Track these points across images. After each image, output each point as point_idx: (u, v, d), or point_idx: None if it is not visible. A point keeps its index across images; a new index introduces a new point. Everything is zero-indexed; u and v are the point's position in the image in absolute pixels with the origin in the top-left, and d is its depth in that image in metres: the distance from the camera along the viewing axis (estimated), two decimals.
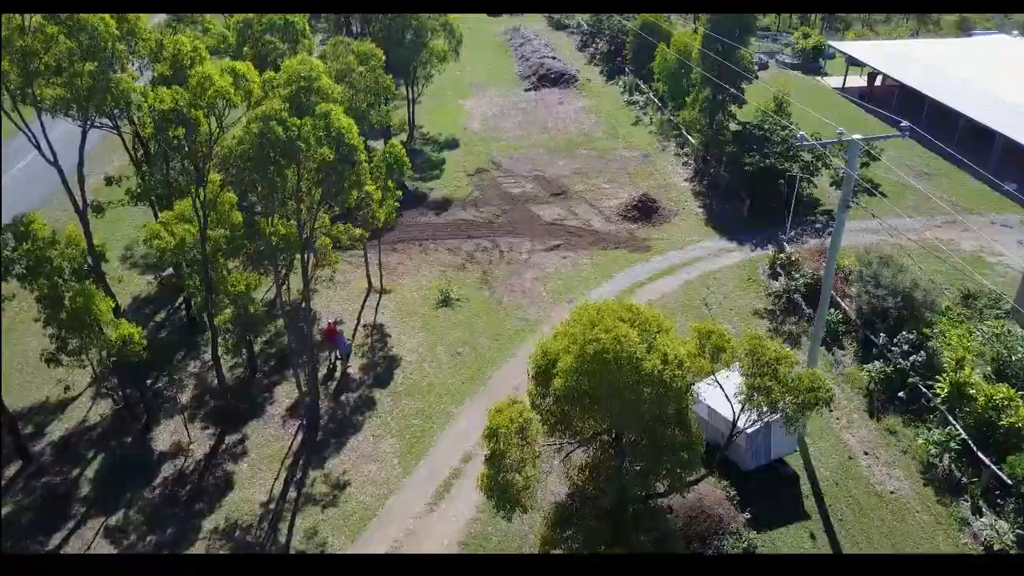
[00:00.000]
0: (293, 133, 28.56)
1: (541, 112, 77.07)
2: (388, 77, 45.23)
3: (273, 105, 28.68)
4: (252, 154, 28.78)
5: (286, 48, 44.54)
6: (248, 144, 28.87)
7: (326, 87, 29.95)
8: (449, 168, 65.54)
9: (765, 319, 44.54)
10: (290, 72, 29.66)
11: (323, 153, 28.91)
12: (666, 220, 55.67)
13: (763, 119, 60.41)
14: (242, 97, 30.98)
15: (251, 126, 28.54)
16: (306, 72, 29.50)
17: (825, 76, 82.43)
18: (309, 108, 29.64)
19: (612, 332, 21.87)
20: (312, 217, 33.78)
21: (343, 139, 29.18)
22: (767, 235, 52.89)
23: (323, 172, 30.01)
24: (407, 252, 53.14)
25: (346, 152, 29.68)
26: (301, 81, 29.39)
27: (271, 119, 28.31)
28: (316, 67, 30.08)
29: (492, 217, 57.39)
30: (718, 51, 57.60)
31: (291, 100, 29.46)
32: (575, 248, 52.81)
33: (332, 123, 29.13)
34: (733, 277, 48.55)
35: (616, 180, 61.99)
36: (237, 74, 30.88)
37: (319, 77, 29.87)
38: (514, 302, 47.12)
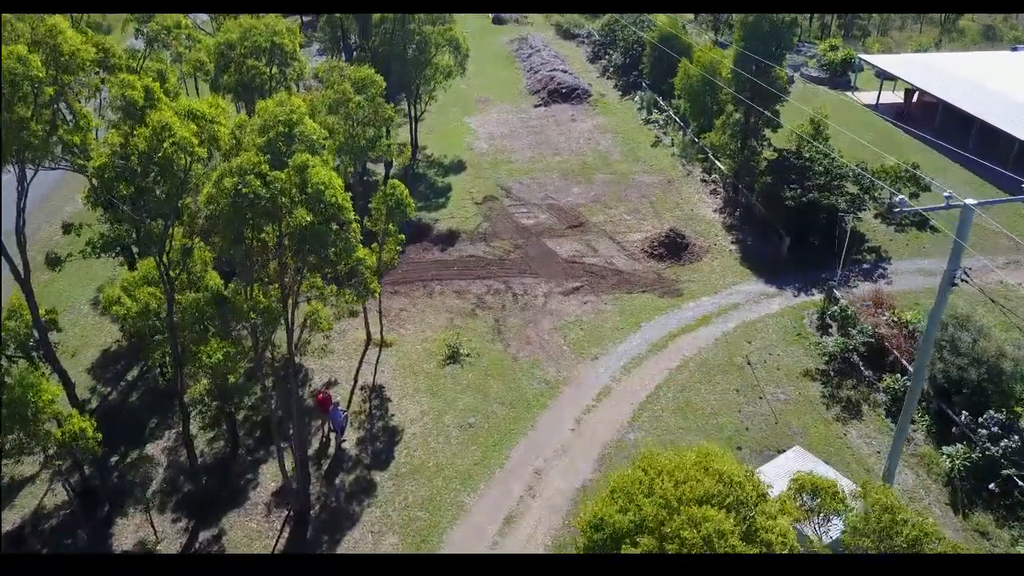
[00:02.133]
0: (275, 189, 23.25)
1: (552, 131, 71.71)
2: (389, 107, 39.89)
3: (249, 157, 23.34)
4: (225, 215, 23.46)
5: (274, 72, 39.16)
6: (220, 203, 23.53)
7: (310, 132, 24.61)
8: (455, 195, 60.19)
9: (817, 381, 39.19)
10: (266, 116, 24.31)
11: (298, 216, 23.58)
12: (696, 258, 50.30)
13: (799, 144, 55.13)
14: (207, 148, 25.60)
15: (224, 181, 23.20)
16: (284, 116, 24.14)
17: (856, 91, 77.09)
18: (291, 155, 24.33)
19: (701, 526, 16.45)
20: (297, 283, 28.44)
21: (322, 197, 23.81)
22: (810, 278, 47.55)
23: (300, 238, 24.63)
24: (410, 295, 47.78)
25: (327, 213, 24.33)
26: (279, 126, 24.05)
27: (248, 172, 22.99)
28: (297, 108, 24.73)
29: (504, 253, 52.03)
30: (752, 70, 52.35)
31: (268, 149, 24.12)
32: (597, 291, 47.45)
33: (309, 178, 23.76)
34: (777, 329, 43.20)
35: (638, 210, 56.64)
36: (201, 118, 25.45)
37: (301, 120, 24.52)
38: (531, 358, 41.76)
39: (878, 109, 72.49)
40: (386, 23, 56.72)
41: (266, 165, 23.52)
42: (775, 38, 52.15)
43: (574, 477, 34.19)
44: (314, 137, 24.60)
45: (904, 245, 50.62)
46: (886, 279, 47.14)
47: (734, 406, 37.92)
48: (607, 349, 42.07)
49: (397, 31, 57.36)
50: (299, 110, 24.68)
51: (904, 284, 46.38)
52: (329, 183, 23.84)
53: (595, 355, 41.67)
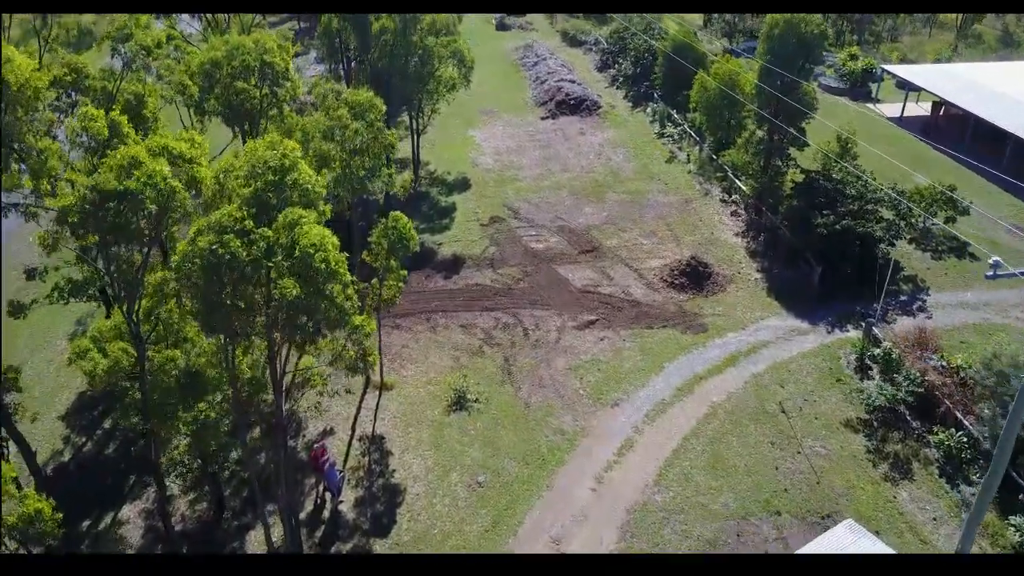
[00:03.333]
0: (259, 250, 19.84)
1: (561, 145, 68.25)
2: (391, 132, 36.45)
3: (231, 211, 19.91)
4: (198, 279, 20.05)
5: (265, 93, 35.71)
6: (193, 265, 20.10)
7: (305, 181, 21.18)
8: (460, 216, 56.75)
9: (860, 433, 35.76)
10: (254, 161, 20.88)
11: (284, 287, 20.11)
12: (720, 288, 46.85)
13: (826, 163, 51.72)
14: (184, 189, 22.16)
15: (198, 240, 19.78)
16: (275, 161, 20.71)
17: (878, 103, 73.65)
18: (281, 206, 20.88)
19: None
20: (285, 358, 24.97)
21: (312, 262, 20.33)
22: (844, 311, 44.12)
23: (286, 310, 21.15)
24: (413, 330, 44.33)
25: (318, 281, 20.85)
26: (268, 174, 20.63)
27: (228, 230, 19.56)
28: (291, 151, 21.30)
29: (512, 282, 48.58)
30: (777, 86, 48.94)
31: (255, 201, 20.71)
32: (614, 325, 44.00)
33: (299, 239, 20.31)
34: (812, 371, 39.76)
35: (655, 233, 53.19)
36: (179, 157, 22.00)
37: (294, 166, 21.08)
38: (544, 403, 38.32)
39: (902, 122, 69.06)
40: (386, 35, 53.30)
41: (250, 221, 20.10)
42: (803, 51, 48.77)
43: (596, 547, 30.74)
44: (309, 186, 21.15)
45: (943, 274, 47.19)
46: (926, 313, 43.72)
47: (770, 462, 34.47)
48: (628, 394, 38.63)
49: (398, 43, 53.91)
50: (292, 154, 21.24)
51: (946, 319, 42.97)
52: (321, 243, 20.40)
53: (615, 401, 38.23)
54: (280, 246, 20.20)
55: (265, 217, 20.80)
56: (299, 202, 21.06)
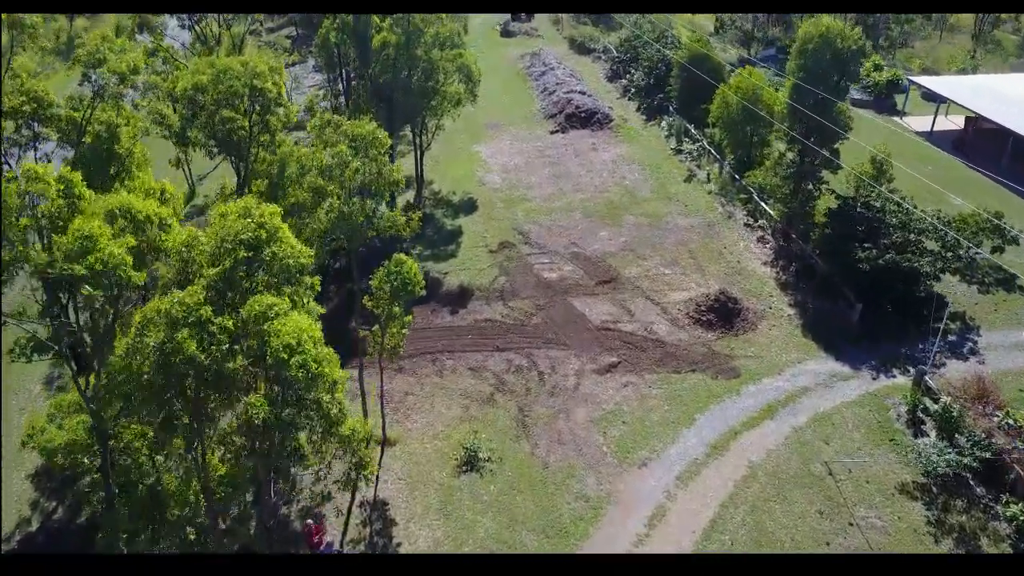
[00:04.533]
0: (220, 350, 16.20)
1: (572, 162, 64.57)
2: (395, 167, 32.75)
3: (185, 297, 16.27)
4: (147, 385, 16.41)
5: (255, 120, 32.02)
6: (141, 365, 16.46)
7: (286, 254, 17.53)
8: (467, 241, 53.10)
9: (919, 501, 32.10)
10: (223, 233, 17.25)
11: (252, 406, 16.48)
12: (751, 327, 43.18)
13: (859, 186, 48.07)
14: (146, 268, 18.51)
15: (146, 336, 16.16)
16: (249, 233, 17.06)
17: (905, 116, 69.99)
18: (254, 289, 17.22)
19: None
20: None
21: (285, 369, 16.66)
22: (888, 353, 40.52)
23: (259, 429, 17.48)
24: (417, 373, 40.69)
25: (298, 388, 17.17)
26: (240, 250, 16.99)
27: (180, 323, 15.93)
28: (270, 218, 17.65)
29: (525, 317, 44.92)
30: (809, 104, 45.35)
31: (222, 285, 17.06)
32: (638, 369, 40.34)
33: (270, 340, 16.65)
34: (858, 424, 36.11)
35: (677, 262, 49.51)
36: (145, 220, 18.32)
37: (273, 237, 17.42)
38: (564, 463, 34.68)
39: (932, 137, 65.41)
40: (387, 48, 49.64)
41: (207, 309, 16.46)
42: (838, 67, 45.16)
43: None
44: (291, 262, 17.50)
45: (992, 310, 43.56)
46: (978, 356, 40.12)
47: (819, 536, 30.80)
48: (656, 451, 34.98)
49: (400, 56, 50.24)
50: (272, 221, 17.60)
51: (1001, 363, 39.37)
52: (300, 342, 16.73)
53: (643, 460, 34.58)
54: (247, 346, 16.55)
55: (232, 300, 17.12)
56: (279, 279, 17.38)
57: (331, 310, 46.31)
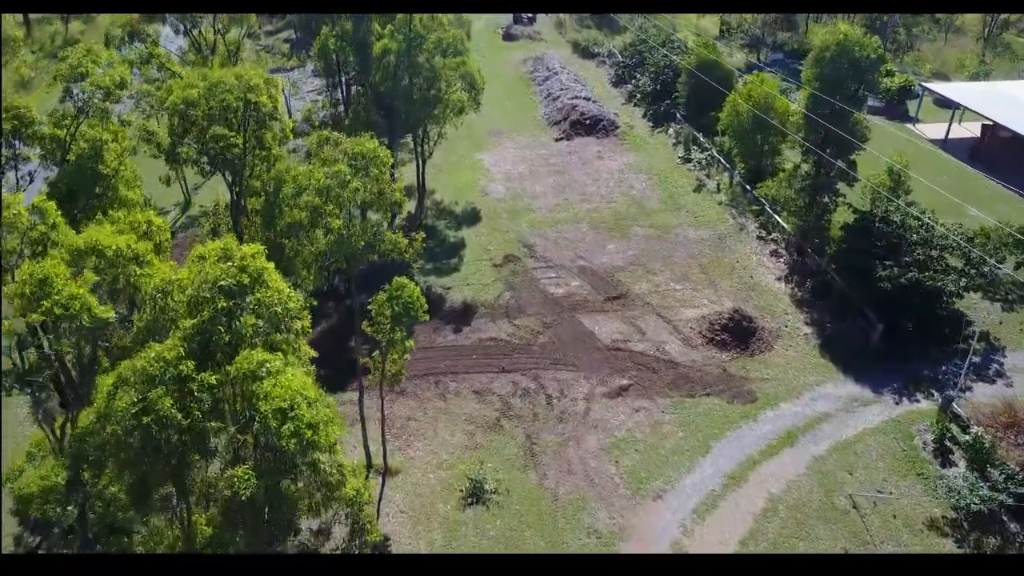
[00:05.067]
0: (202, 408, 14.58)
1: (577, 170, 62.88)
2: (397, 185, 31.09)
3: (161, 353, 14.65)
4: (122, 451, 14.79)
5: (249, 136, 30.37)
6: (114, 430, 14.83)
7: (272, 301, 15.89)
8: (470, 254, 51.45)
9: (949, 537, 30.46)
10: (201, 280, 15.60)
11: (238, 479, 14.84)
12: (766, 346, 41.53)
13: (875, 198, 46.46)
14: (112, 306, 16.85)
15: (119, 398, 14.53)
16: (230, 279, 15.43)
17: (918, 123, 68.27)
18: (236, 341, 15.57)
19: None
20: None
21: (276, 441, 15.01)
22: (910, 375, 38.92)
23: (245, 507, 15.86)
24: (419, 396, 39.06)
25: (284, 463, 15.52)
26: (220, 299, 15.36)
27: (157, 381, 14.31)
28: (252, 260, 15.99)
29: (531, 335, 43.27)
30: (826, 115, 43.73)
31: (199, 338, 15.44)
32: (650, 392, 38.71)
33: (259, 403, 15.01)
34: (882, 453, 34.48)
35: (688, 277, 47.85)
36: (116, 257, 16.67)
37: (259, 280, 15.79)
38: (575, 495, 33.03)
39: (947, 145, 63.73)
40: (388, 56, 48.00)
41: (189, 364, 14.85)
42: (856, 77, 43.55)
43: None
44: (278, 309, 15.83)
45: (1018, 330, 41.95)
46: (1005, 379, 38.52)
47: None
48: (671, 482, 33.34)
49: (401, 64, 48.59)
50: (255, 263, 15.95)
51: None
52: (293, 405, 15.09)
53: (657, 491, 32.95)
54: (233, 409, 14.94)
55: (214, 354, 15.50)
56: (265, 328, 15.74)
57: (329, 327, 44.82)
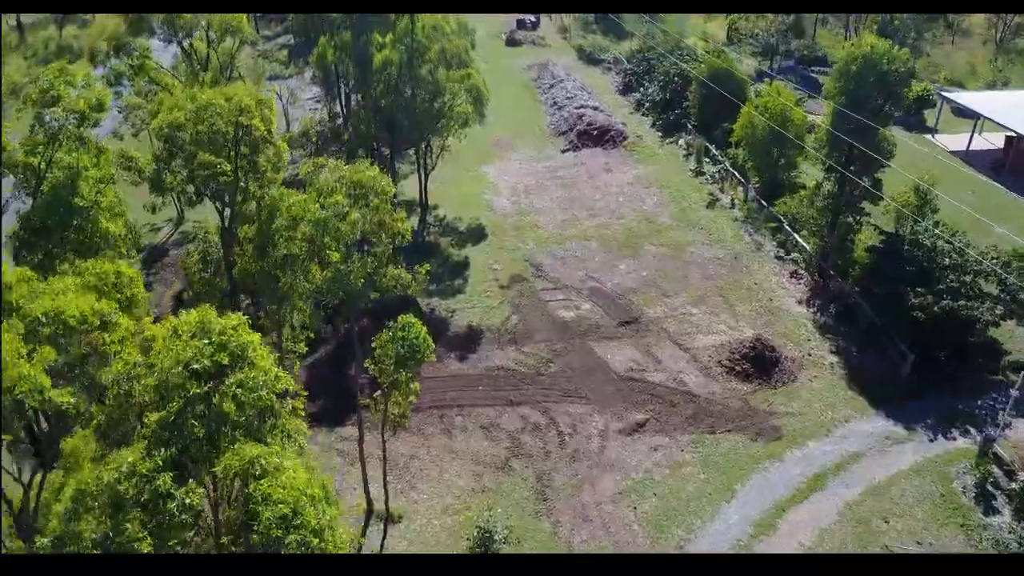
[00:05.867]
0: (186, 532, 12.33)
1: (585, 184, 60.59)
2: (400, 216, 28.80)
3: (141, 463, 12.39)
4: None
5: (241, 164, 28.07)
6: (90, 522, 12.57)
7: (257, 382, 13.63)
8: (475, 274, 49.18)
9: None
10: (170, 362, 13.32)
11: None
12: (790, 377, 39.27)
13: (900, 218, 44.33)
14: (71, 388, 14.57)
15: (82, 524, 12.28)
16: (206, 360, 13.18)
17: (937, 134, 65.98)
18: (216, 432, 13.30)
19: None
20: None
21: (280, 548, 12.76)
22: (944, 409, 36.72)
23: None
24: (423, 432, 36.78)
25: None
26: (193, 385, 13.09)
27: (123, 504, 12.03)
28: (234, 335, 13.72)
29: (540, 364, 41.01)
30: (851, 130, 41.49)
31: (172, 428, 13.16)
32: (668, 428, 36.45)
33: (261, 514, 12.74)
34: (920, 498, 32.21)
35: (704, 299, 45.58)
36: (80, 324, 14.39)
37: (243, 357, 13.52)
38: (591, 544, 30.75)
39: (968, 157, 61.46)
40: (389, 68, 45.73)
41: (168, 478, 12.59)
42: (883, 92, 41.31)
43: None
44: (263, 393, 13.57)
45: None
46: None
47: None
48: (694, 531, 31.07)
49: (403, 76, 46.33)
50: (238, 337, 13.71)
51: None
52: (297, 514, 12.85)
53: (679, 541, 30.66)
54: (225, 518, 12.69)
55: (195, 453, 13.24)
56: (249, 417, 13.48)
57: (327, 353, 42.56)
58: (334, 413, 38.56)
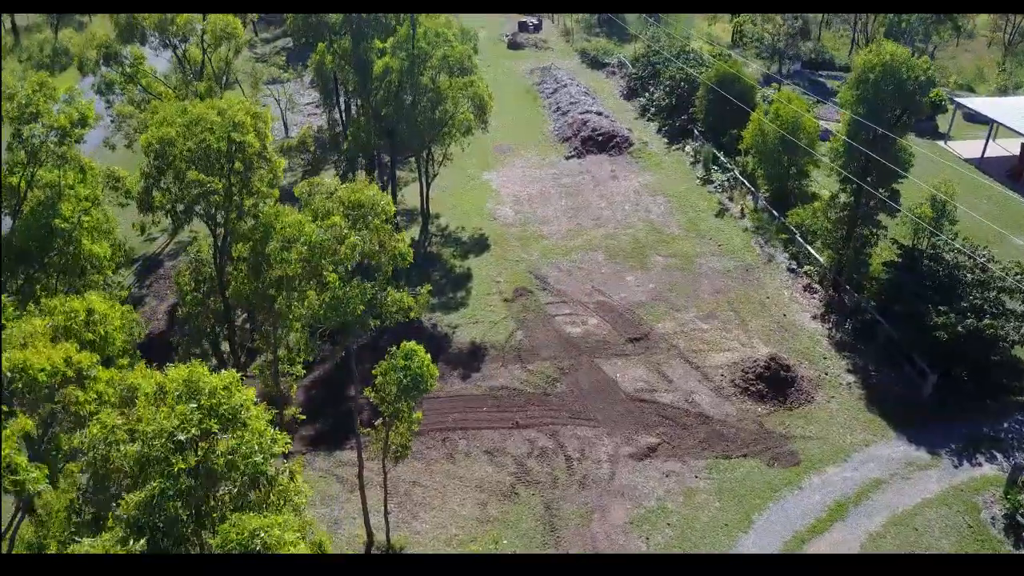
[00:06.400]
0: None
1: (590, 192, 59.18)
2: (402, 236, 27.31)
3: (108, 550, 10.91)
4: None
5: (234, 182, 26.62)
6: None
7: (251, 449, 12.15)
8: (478, 286, 47.75)
9: None
10: (146, 436, 11.81)
11: None
12: (807, 398, 37.81)
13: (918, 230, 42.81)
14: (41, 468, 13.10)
15: None
16: (194, 429, 11.76)
17: (949, 140, 64.52)
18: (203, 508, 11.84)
19: None
20: None
21: None
22: (968, 433, 35.25)
23: None
24: (425, 456, 35.33)
25: None
26: (178, 460, 11.68)
27: None
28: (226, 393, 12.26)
29: (547, 383, 39.56)
30: (867, 139, 40.08)
31: (152, 509, 11.70)
32: (681, 452, 35.00)
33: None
34: (946, 530, 30.74)
35: (715, 314, 44.12)
36: (41, 384, 12.88)
37: (236, 419, 12.05)
38: None
39: (982, 165, 60.01)
40: (390, 75, 44.29)
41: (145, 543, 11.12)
42: (902, 101, 39.83)
43: None
44: (258, 459, 12.12)
45: None
46: None
47: None
48: None
49: (404, 83, 44.88)
50: (231, 398, 12.22)
51: None
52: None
53: None
54: None
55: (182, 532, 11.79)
56: (242, 484, 12.04)
57: (325, 372, 41.11)
58: (333, 435, 37.15)
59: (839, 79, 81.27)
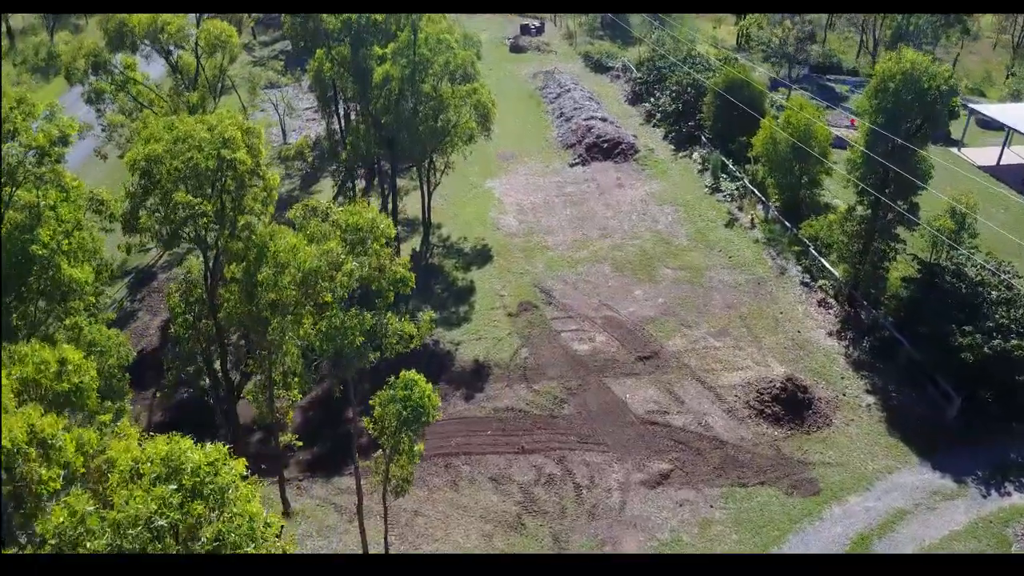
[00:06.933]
0: None
1: (595, 201, 57.61)
2: (403, 260, 25.72)
3: None
4: None
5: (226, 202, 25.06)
6: None
7: (242, 533, 10.67)
8: (481, 300, 46.23)
9: None
10: (127, 516, 10.33)
11: None
12: (824, 421, 36.29)
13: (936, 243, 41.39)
14: None
15: None
16: (169, 518, 10.27)
17: (963, 147, 63.00)
18: None
19: None
20: None
21: None
22: (995, 459, 33.76)
23: None
24: (427, 483, 33.81)
25: None
26: (155, 546, 10.13)
27: None
28: (211, 470, 10.78)
29: (554, 404, 38.04)
30: (885, 150, 38.61)
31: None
32: (694, 479, 33.47)
33: None
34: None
35: (727, 331, 42.59)
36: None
37: (224, 500, 10.56)
38: None
39: (998, 173, 58.47)
40: (390, 83, 42.75)
41: None
42: (922, 111, 38.34)
43: None
44: (249, 549, 10.65)
45: None
46: None
47: None
48: None
49: (405, 92, 43.32)
50: (215, 478, 10.75)
51: None
52: None
53: None
54: None
55: None
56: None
57: (323, 391, 39.59)
58: (331, 459, 35.70)
59: (847, 83, 79.83)
